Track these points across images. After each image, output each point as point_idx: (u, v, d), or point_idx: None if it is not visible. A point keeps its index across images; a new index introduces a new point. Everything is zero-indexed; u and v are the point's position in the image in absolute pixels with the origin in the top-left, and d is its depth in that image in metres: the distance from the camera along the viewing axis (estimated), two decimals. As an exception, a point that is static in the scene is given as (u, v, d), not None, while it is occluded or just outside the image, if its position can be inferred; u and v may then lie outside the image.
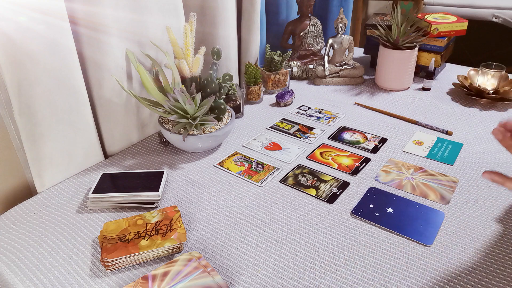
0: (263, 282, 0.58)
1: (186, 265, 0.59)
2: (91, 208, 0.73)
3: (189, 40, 0.85)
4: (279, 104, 1.11)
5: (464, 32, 1.20)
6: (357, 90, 1.20)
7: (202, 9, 1.02)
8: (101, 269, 0.61)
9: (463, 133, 0.95)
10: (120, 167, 0.85)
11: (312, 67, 1.26)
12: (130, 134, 0.91)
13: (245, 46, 1.17)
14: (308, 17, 1.25)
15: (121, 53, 0.83)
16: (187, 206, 0.73)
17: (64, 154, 0.79)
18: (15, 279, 0.59)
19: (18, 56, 0.66)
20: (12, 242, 0.66)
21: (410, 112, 1.06)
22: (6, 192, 0.77)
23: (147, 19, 0.86)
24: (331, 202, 0.74)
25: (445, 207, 0.72)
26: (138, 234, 0.63)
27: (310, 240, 0.65)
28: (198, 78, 0.88)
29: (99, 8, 0.76)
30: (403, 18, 1.11)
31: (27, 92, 0.69)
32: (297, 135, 0.96)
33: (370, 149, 0.90)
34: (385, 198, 0.74)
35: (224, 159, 0.87)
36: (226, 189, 0.78)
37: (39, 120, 0.72)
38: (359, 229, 0.67)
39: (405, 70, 1.15)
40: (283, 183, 0.79)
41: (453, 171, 0.82)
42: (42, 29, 0.68)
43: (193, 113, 0.81)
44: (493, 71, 1.08)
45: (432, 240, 0.65)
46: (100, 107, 0.84)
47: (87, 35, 0.77)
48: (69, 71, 0.74)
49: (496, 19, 1.78)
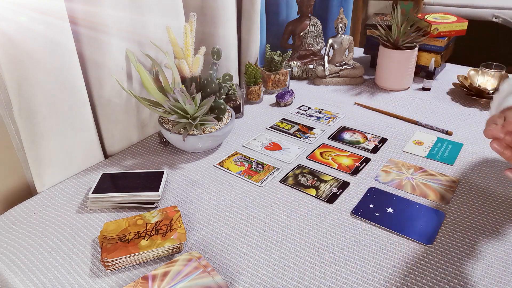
0: (263, 282, 0.58)
1: (186, 265, 0.59)
2: (91, 208, 0.73)
3: (189, 40, 0.85)
4: (279, 104, 1.11)
5: (464, 32, 1.20)
6: (357, 90, 1.20)
7: (202, 9, 1.02)
8: (101, 269, 0.61)
9: (463, 133, 0.95)
10: (120, 167, 0.85)
11: (312, 67, 1.26)
12: (130, 134, 0.91)
13: (245, 46, 1.17)
14: (308, 17, 1.25)
15: (121, 53, 0.83)
16: (187, 206, 0.73)
17: (64, 154, 0.79)
18: (15, 279, 0.59)
19: (18, 56, 0.66)
20: (12, 242, 0.66)
21: (410, 112, 1.06)
22: (6, 192, 0.77)
23: (147, 19, 0.86)
24: (331, 202, 0.74)
25: (445, 207, 0.72)
26: (138, 234, 0.63)
27: (310, 240, 0.65)
28: (198, 78, 0.88)
29: (99, 8, 0.76)
30: (403, 18, 1.11)
31: (27, 92, 0.69)
32: (297, 135, 0.96)
33: (370, 149, 0.90)
34: (385, 198, 0.74)
35: (224, 159, 0.87)
36: (226, 189, 0.78)
37: (39, 120, 0.72)
38: (359, 229, 0.67)
39: (405, 70, 1.15)
40: (283, 183, 0.79)
41: (453, 171, 0.82)
42: (42, 29, 0.68)
43: (193, 113, 0.81)
44: (493, 71, 1.08)
45: (432, 240, 0.65)
46: (100, 107, 0.84)
47: (87, 35, 0.77)
48: (69, 71, 0.74)
49: (496, 19, 1.78)
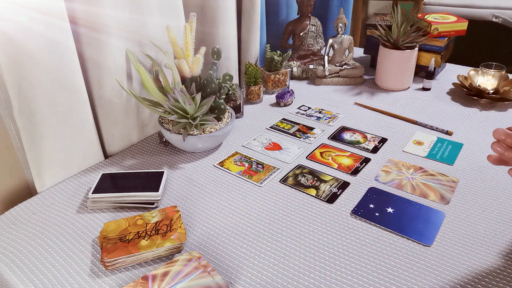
0: (263, 282, 0.58)
1: (186, 265, 0.59)
2: (91, 208, 0.73)
3: (189, 40, 0.85)
4: (279, 104, 1.11)
5: (464, 32, 1.20)
6: (357, 90, 1.20)
7: (202, 9, 1.02)
8: (101, 269, 0.61)
9: (463, 133, 0.95)
10: (120, 167, 0.85)
11: (312, 67, 1.26)
12: (130, 134, 0.91)
13: (245, 46, 1.17)
14: (308, 17, 1.25)
15: (121, 53, 0.83)
16: (187, 206, 0.73)
17: (64, 154, 0.79)
18: (15, 279, 0.59)
19: (18, 56, 0.66)
20: (12, 242, 0.66)
21: (410, 112, 1.06)
22: (6, 192, 0.77)
23: (147, 19, 0.85)
24: (331, 202, 0.74)
25: (445, 207, 0.72)
26: (138, 234, 0.63)
27: (310, 240, 0.65)
28: (198, 78, 0.88)
29: (99, 8, 0.76)
30: (403, 18, 1.11)
31: (27, 92, 0.69)
32: (297, 135, 0.96)
33: (370, 149, 0.90)
34: (385, 198, 0.74)
35: (224, 159, 0.87)
36: (226, 189, 0.78)
37: (39, 120, 0.72)
38: (359, 229, 0.67)
39: (405, 70, 1.15)
40: (283, 183, 0.79)
41: (453, 171, 0.82)
42: (42, 29, 0.68)
43: (193, 113, 0.81)
44: (493, 71, 1.08)
45: (432, 240, 0.65)
46: (100, 107, 0.84)
47: (87, 35, 0.77)
48: (69, 71, 0.74)
49: (496, 19, 1.78)
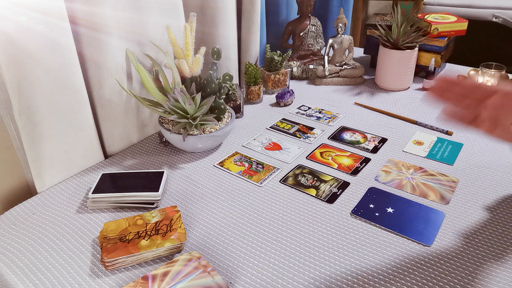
0: (263, 282, 0.58)
1: (186, 265, 0.59)
2: (91, 208, 0.73)
3: (189, 40, 0.85)
4: (279, 104, 1.11)
5: (464, 32, 1.20)
6: (357, 90, 1.20)
7: (202, 9, 1.02)
8: (101, 269, 0.61)
9: (463, 133, 0.95)
10: (120, 167, 0.85)
11: (312, 67, 1.26)
12: (130, 134, 0.91)
13: (245, 46, 1.17)
14: (308, 17, 1.25)
15: (121, 53, 0.83)
16: (187, 206, 0.73)
17: (64, 154, 0.79)
18: (15, 279, 0.59)
19: (18, 56, 0.66)
20: (12, 242, 0.66)
21: (410, 112, 1.06)
22: (6, 192, 0.77)
23: (147, 19, 0.85)
24: (331, 202, 0.74)
25: (445, 207, 0.72)
26: (138, 234, 0.63)
27: (310, 240, 0.65)
28: (198, 78, 0.88)
29: (99, 8, 0.76)
30: (403, 18, 1.11)
31: (27, 92, 0.69)
32: (297, 135, 0.96)
33: (370, 149, 0.90)
34: (385, 198, 0.74)
35: (224, 159, 0.87)
36: (226, 189, 0.78)
37: (39, 120, 0.72)
38: (359, 229, 0.67)
39: (405, 70, 1.15)
40: (283, 183, 0.79)
41: (453, 171, 0.82)
42: (42, 29, 0.68)
43: (193, 113, 0.81)
44: (493, 71, 1.08)
45: (432, 240, 0.65)
46: (100, 107, 0.84)
47: (87, 35, 0.77)
48: (69, 71, 0.74)
49: (496, 19, 1.78)
